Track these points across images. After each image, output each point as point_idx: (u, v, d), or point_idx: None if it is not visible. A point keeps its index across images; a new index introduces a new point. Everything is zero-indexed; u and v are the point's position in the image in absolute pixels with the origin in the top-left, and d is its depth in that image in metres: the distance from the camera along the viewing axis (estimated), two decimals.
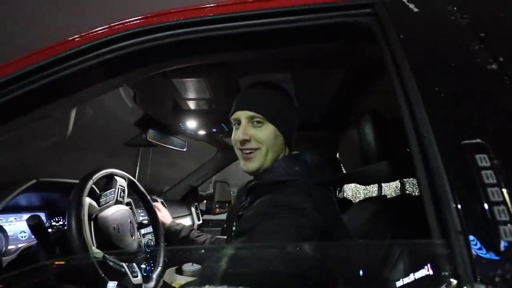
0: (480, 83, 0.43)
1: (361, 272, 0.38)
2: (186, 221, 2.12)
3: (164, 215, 1.31)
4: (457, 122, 0.39)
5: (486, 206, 0.33)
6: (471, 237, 0.32)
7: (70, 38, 0.66)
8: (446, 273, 0.32)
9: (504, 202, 0.33)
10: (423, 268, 0.34)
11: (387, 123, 0.77)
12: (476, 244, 0.32)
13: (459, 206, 0.33)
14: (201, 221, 2.32)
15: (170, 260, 1.14)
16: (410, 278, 0.34)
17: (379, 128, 0.75)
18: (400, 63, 0.47)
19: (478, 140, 0.37)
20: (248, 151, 0.75)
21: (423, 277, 0.33)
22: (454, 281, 0.31)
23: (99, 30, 0.66)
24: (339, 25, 0.60)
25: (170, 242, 1.20)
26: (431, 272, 0.33)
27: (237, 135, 0.76)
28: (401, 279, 0.36)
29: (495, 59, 0.45)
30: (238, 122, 0.78)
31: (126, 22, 0.67)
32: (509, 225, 0.32)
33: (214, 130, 1.78)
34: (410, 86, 0.44)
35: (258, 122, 0.74)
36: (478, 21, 0.49)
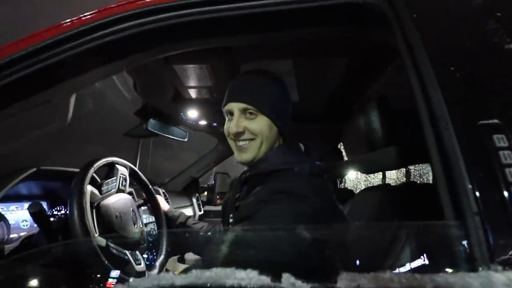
0: (496, 63, 0.41)
1: (370, 255, 0.37)
2: (188, 212, 2.12)
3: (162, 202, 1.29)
4: (473, 102, 0.38)
5: (503, 186, 0.32)
6: (488, 218, 0.31)
7: (69, 20, 0.64)
8: (462, 255, 0.31)
9: None
10: (437, 250, 0.33)
11: (394, 110, 0.76)
12: (492, 225, 0.31)
13: (475, 187, 0.32)
14: (202, 212, 2.33)
15: (172, 249, 1.14)
16: (423, 260, 0.34)
17: (386, 115, 0.73)
18: (413, 44, 0.45)
19: (496, 121, 0.35)
20: (242, 142, 0.74)
21: (436, 259, 0.33)
22: (469, 263, 0.30)
23: (99, 11, 0.64)
24: (347, 6, 0.58)
25: (168, 228, 1.20)
26: (445, 254, 0.32)
27: (230, 127, 0.74)
28: (413, 261, 0.36)
29: (511, 38, 0.43)
30: (231, 113, 0.76)
31: (126, 3, 0.65)
32: None
33: (215, 124, 1.77)
34: (425, 68, 0.42)
35: (251, 113, 0.73)
36: (493, 0, 0.48)
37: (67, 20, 0.65)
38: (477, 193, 0.32)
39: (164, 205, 1.28)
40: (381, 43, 0.68)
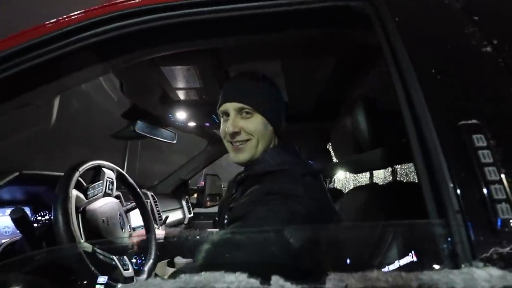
0: (475, 65, 0.43)
1: (357, 254, 0.38)
2: (177, 215, 2.10)
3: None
4: (453, 103, 0.39)
5: (483, 185, 0.33)
6: (469, 216, 0.32)
7: (53, 20, 0.63)
8: (445, 252, 0.32)
9: (500, 181, 0.33)
10: (421, 248, 0.34)
11: (379, 110, 0.77)
12: (473, 223, 0.32)
13: (456, 186, 0.33)
14: (192, 214, 2.31)
15: (161, 253, 1.12)
16: (409, 258, 0.34)
17: (372, 116, 0.75)
18: (396, 47, 0.46)
19: (475, 121, 0.37)
20: (238, 143, 0.74)
21: (421, 257, 0.33)
22: (452, 260, 0.31)
23: (83, 12, 0.63)
24: (331, 9, 0.59)
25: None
26: (429, 252, 0.33)
27: (226, 127, 0.74)
28: (399, 260, 0.36)
29: (489, 41, 0.45)
30: (227, 114, 0.76)
31: (111, 5, 0.63)
32: (505, 203, 0.32)
33: (207, 124, 1.76)
34: (407, 69, 0.43)
35: (247, 113, 0.74)
36: (471, 4, 0.49)
37: (51, 21, 0.64)
38: (459, 192, 0.33)
39: None
40: (366, 44, 0.69)
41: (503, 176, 0.33)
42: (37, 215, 1.11)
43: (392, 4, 0.50)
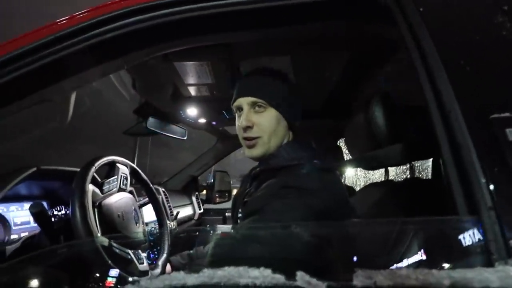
0: (506, 56, 0.41)
1: (383, 251, 0.37)
2: (188, 210, 2.12)
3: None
4: (484, 96, 0.37)
5: None
6: (503, 213, 0.31)
7: (67, 17, 0.63)
8: (477, 250, 0.31)
9: None
10: (451, 246, 0.33)
11: (397, 105, 0.75)
12: (508, 220, 0.31)
13: (489, 182, 0.32)
14: (202, 210, 2.32)
15: (174, 247, 1.13)
16: (438, 256, 0.33)
17: (390, 111, 0.73)
18: (421, 38, 0.45)
19: (508, 114, 0.35)
20: (250, 139, 0.74)
21: (451, 255, 0.32)
22: (486, 258, 0.30)
23: (97, 8, 0.63)
24: (349, 1, 0.57)
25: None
26: (460, 249, 0.32)
27: (240, 122, 0.74)
28: (428, 258, 0.35)
29: None
30: (240, 109, 0.76)
31: (125, 0, 0.63)
32: None
33: (214, 123, 1.76)
34: (433, 62, 0.42)
35: (260, 107, 0.73)
36: None
37: (64, 18, 0.64)
38: (492, 188, 0.32)
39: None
40: (381, 38, 0.68)
41: None
42: (54, 210, 1.13)
43: None
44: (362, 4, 0.57)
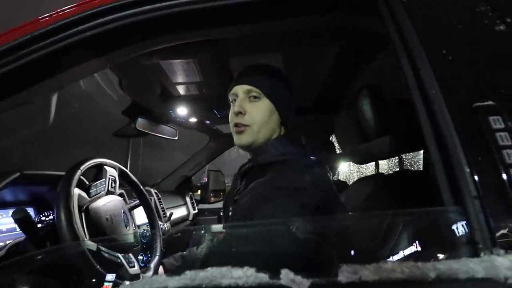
0: (488, 45, 0.40)
1: (370, 245, 0.36)
2: (182, 211, 2.10)
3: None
4: (467, 85, 0.37)
5: (501, 169, 0.31)
6: (487, 202, 0.31)
7: (47, 14, 0.61)
8: (463, 240, 0.30)
9: None
10: (437, 237, 0.32)
11: (385, 98, 0.75)
12: (492, 209, 0.30)
13: (473, 171, 0.32)
14: (196, 211, 2.30)
15: (167, 250, 1.12)
16: (424, 248, 0.33)
17: (378, 104, 0.73)
18: (404, 28, 0.44)
19: (490, 102, 0.35)
20: (239, 126, 0.74)
21: (437, 246, 0.32)
22: (471, 248, 0.30)
23: (79, 5, 0.61)
24: None
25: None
26: (446, 240, 0.31)
27: (233, 109, 0.75)
28: (414, 250, 0.35)
29: (502, 20, 0.42)
30: (235, 97, 0.76)
31: None
32: None
33: (208, 122, 1.75)
34: (416, 51, 0.41)
35: (255, 97, 0.74)
36: None
37: (45, 15, 0.62)
38: (476, 177, 0.32)
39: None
40: (369, 31, 0.67)
41: None
42: (41, 216, 1.10)
43: None
44: None
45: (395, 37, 0.46)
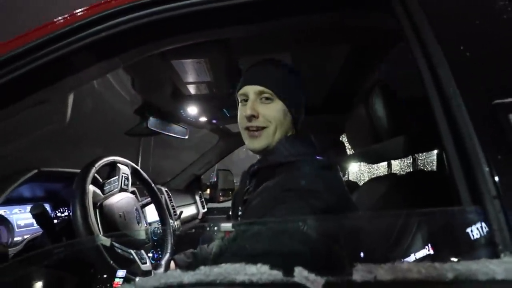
0: (508, 41, 0.39)
1: (386, 244, 0.36)
2: (191, 210, 2.12)
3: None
4: (486, 81, 0.36)
5: None
6: (508, 202, 0.30)
7: (63, 17, 0.62)
8: (482, 241, 0.29)
9: None
10: (455, 237, 0.32)
11: (397, 97, 0.74)
12: None
13: (493, 170, 0.31)
14: (206, 209, 2.32)
15: (177, 247, 1.13)
16: (441, 248, 0.32)
17: (390, 103, 0.72)
18: (419, 24, 0.43)
19: (511, 99, 0.34)
20: (254, 129, 0.71)
21: (455, 246, 0.31)
22: (490, 249, 0.29)
23: (93, 7, 0.62)
24: None
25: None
26: (464, 241, 0.31)
27: (244, 111, 0.71)
28: (430, 250, 0.34)
29: None
30: (246, 98, 0.73)
31: None
32: None
33: (215, 121, 1.76)
34: (433, 48, 0.40)
35: (267, 98, 0.71)
36: None
37: (61, 17, 0.64)
38: (495, 176, 0.31)
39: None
40: (380, 29, 0.66)
41: None
42: (57, 212, 1.13)
43: None
44: None
45: (411, 35, 0.45)
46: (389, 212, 0.41)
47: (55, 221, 0.82)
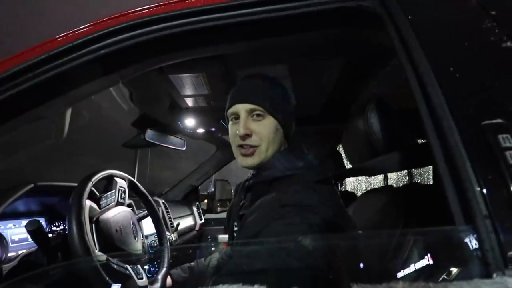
0: (495, 62, 0.41)
1: (380, 263, 0.36)
2: (189, 221, 2.10)
3: None
4: (475, 102, 0.37)
5: None
6: (499, 221, 0.30)
7: (63, 34, 0.64)
8: (474, 261, 0.30)
9: None
10: (448, 256, 0.32)
11: (393, 111, 0.75)
12: (504, 228, 0.30)
13: (484, 189, 0.32)
14: (203, 220, 2.31)
15: (174, 261, 1.12)
16: (434, 268, 0.33)
17: (386, 117, 0.73)
18: (410, 46, 0.45)
19: (499, 120, 0.35)
20: (247, 147, 0.72)
21: (448, 266, 0.32)
22: (483, 269, 0.29)
23: (93, 24, 0.63)
24: (342, 10, 0.58)
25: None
26: (457, 260, 0.31)
27: (237, 129, 0.71)
28: (424, 269, 0.35)
29: (509, 36, 0.43)
30: (236, 116, 0.74)
31: (119, 16, 0.64)
32: None
33: (213, 129, 1.76)
34: (423, 69, 0.42)
35: (258, 115, 0.71)
36: None
37: (60, 35, 0.65)
38: (487, 195, 0.31)
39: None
40: (376, 44, 0.68)
41: None
42: (52, 226, 1.12)
43: (404, 2, 0.49)
44: (356, 13, 0.57)
45: (402, 54, 0.46)
46: (383, 231, 0.41)
47: (50, 235, 0.81)
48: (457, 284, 0.27)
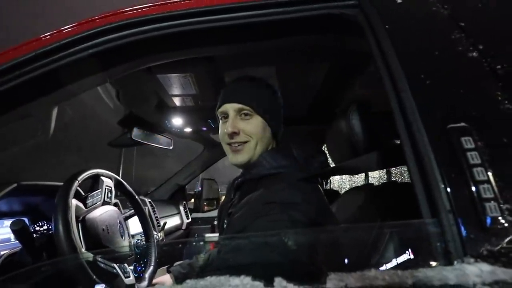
0: (462, 70, 0.45)
1: (357, 255, 0.39)
2: (175, 220, 2.10)
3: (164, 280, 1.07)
4: (442, 107, 0.41)
5: (472, 185, 0.35)
6: (460, 215, 0.34)
7: (49, 33, 0.63)
8: (438, 250, 0.33)
9: (488, 181, 0.35)
10: (416, 247, 0.35)
11: (373, 114, 0.79)
12: (464, 222, 0.34)
13: (447, 186, 0.35)
14: (190, 220, 2.30)
15: (161, 259, 1.13)
16: (405, 257, 0.36)
17: (367, 119, 0.77)
18: (387, 53, 0.48)
19: (463, 124, 0.38)
20: (237, 144, 0.75)
21: (417, 255, 0.35)
22: (445, 257, 0.33)
23: (81, 24, 0.64)
24: (326, 17, 0.61)
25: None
26: (424, 250, 0.35)
27: (225, 128, 0.75)
28: (396, 259, 0.38)
29: (475, 47, 0.47)
30: (225, 115, 0.77)
31: (108, 15, 0.65)
32: (493, 202, 0.34)
33: (204, 129, 1.77)
34: (398, 75, 0.45)
35: (246, 114, 0.75)
36: (458, 11, 0.52)
37: (47, 34, 0.65)
38: (450, 192, 0.35)
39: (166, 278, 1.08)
40: (359, 50, 0.71)
41: (490, 176, 0.35)
42: (36, 226, 1.10)
43: (382, 12, 0.53)
44: (339, 20, 0.60)
45: (379, 61, 0.50)
46: (359, 225, 0.44)
47: (34, 235, 0.80)
48: (422, 271, 0.31)
